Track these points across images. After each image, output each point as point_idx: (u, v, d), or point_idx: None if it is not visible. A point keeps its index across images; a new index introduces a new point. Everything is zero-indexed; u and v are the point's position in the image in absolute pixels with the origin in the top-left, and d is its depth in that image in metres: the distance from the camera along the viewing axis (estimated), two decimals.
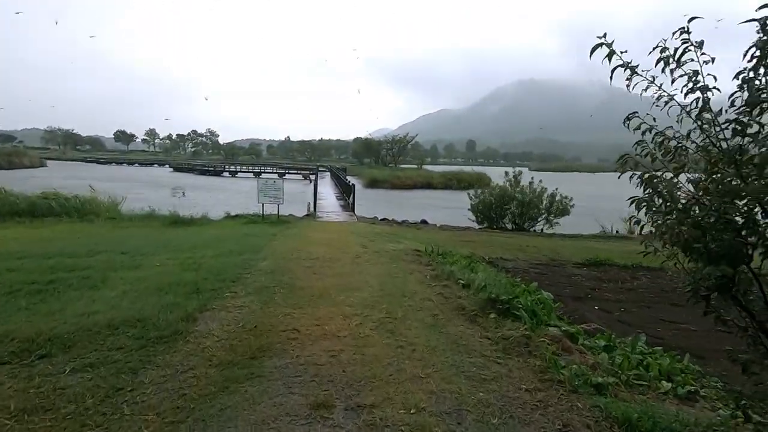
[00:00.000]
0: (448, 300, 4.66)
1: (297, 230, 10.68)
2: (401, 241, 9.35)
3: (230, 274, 5.65)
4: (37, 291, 4.85)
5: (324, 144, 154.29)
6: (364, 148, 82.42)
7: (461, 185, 45.17)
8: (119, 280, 5.40)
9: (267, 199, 12.75)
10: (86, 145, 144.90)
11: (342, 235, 9.86)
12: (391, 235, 10.42)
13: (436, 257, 7.00)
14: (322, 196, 21.13)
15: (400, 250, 7.95)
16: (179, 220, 12.58)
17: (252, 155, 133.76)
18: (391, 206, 26.43)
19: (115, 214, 13.86)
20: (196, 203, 21.44)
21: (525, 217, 15.03)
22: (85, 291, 4.88)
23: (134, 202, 16.62)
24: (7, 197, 13.06)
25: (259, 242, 8.53)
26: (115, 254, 7.13)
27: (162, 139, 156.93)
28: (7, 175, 45.12)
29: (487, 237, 12.05)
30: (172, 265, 6.25)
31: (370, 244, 8.63)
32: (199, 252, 7.45)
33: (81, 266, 6.15)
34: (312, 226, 11.95)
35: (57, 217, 13.09)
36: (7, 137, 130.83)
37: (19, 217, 12.89)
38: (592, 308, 5.46)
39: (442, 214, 22.41)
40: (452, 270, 5.71)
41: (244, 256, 6.98)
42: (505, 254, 9.01)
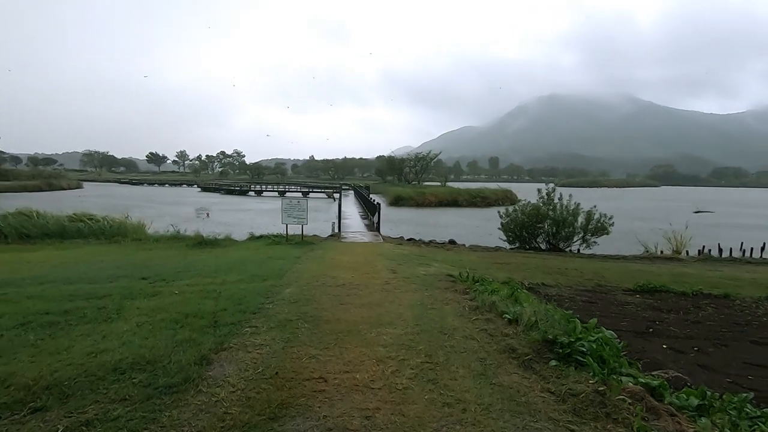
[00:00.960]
0: (494, 339, 4.07)
1: (322, 252, 10.27)
2: (431, 264, 8.79)
3: (251, 304, 5.24)
4: (49, 323, 4.55)
5: (347, 163, 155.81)
6: (387, 166, 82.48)
7: (486, 202, 44.29)
8: (135, 310, 5.06)
9: (291, 220, 12.46)
10: (121, 167, 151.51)
11: (369, 258, 9.38)
12: (420, 258, 9.87)
13: (472, 284, 6.41)
14: (346, 215, 20.80)
15: (432, 275, 7.39)
16: (204, 241, 12.42)
17: (277, 174, 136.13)
18: (417, 225, 25.88)
19: (142, 236, 13.87)
20: (224, 223, 21.55)
21: (560, 236, 14.19)
22: (98, 324, 4.54)
23: (161, 222, 16.70)
24: (39, 219, 13.24)
25: (282, 266, 8.15)
26: (134, 280, 6.87)
27: (191, 160, 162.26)
28: (45, 196, 47.15)
29: (522, 259, 11.32)
30: (191, 293, 5.90)
31: (399, 267, 8.11)
32: (221, 277, 7.12)
33: (99, 294, 5.88)
34: (337, 247, 11.54)
35: (85, 238, 13.20)
36: (49, 160, 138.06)
37: (50, 238, 13.06)
38: (659, 347, 4.74)
39: (469, 232, 21.71)
40: (494, 301, 5.12)
41: (267, 282, 6.58)
42: (545, 279, 8.30)
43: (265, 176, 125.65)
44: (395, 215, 30.47)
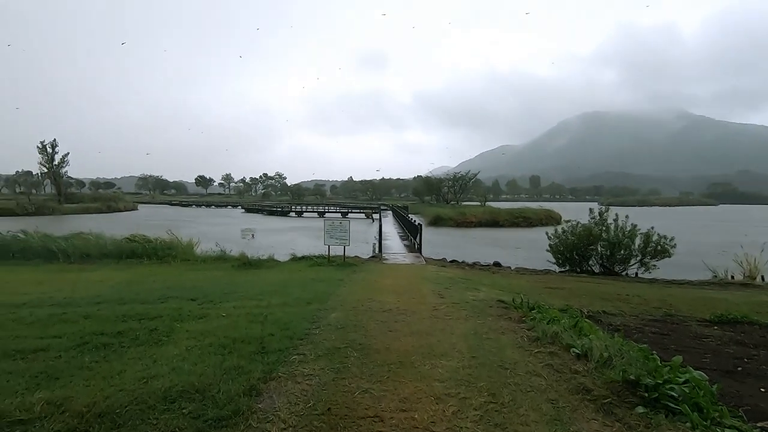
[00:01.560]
0: (563, 376, 3.67)
1: (364, 275, 10.11)
2: (480, 289, 8.38)
3: (298, 329, 5.10)
4: (104, 345, 4.61)
5: (385, 183, 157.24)
6: (424, 186, 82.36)
7: (529, 223, 42.87)
8: (184, 333, 5.06)
9: (333, 241, 12.45)
10: (172, 189, 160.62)
11: (413, 281, 9.11)
12: (466, 281, 9.47)
13: (528, 311, 5.98)
14: (386, 236, 20.67)
15: (482, 301, 7.00)
16: (248, 262, 12.63)
17: (317, 195, 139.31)
18: (457, 246, 25.31)
19: (190, 256, 14.32)
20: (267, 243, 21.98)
21: (614, 259, 13.28)
22: (149, 347, 4.54)
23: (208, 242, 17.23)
24: (98, 241, 14.00)
25: (326, 289, 8.04)
26: (184, 301, 6.96)
27: (236, 183, 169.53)
28: (104, 218, 50.42)
29: (575, 283, 10.62)
30: (238, 316, 5.87)
31: (446, 292, 7.77)
32: (266, 300, 7.08)
33: (151, 314, 5.97)
34: (379, 269, 11.34)
35: (139, 258, 13.78)
36: (109, 184, 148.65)
37: (108, 258, 13.75)
38: (755, 390, 4.12)
39: (513, 254, 20.92)
40: (556, 331, 4.70)
41: (312, 306, 6.46)
42: (606, 306, 7.66)
43: (305, 197, 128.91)
44: (435, 236, 30.00)
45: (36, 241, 14.12)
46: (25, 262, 13.42)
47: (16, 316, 6.08)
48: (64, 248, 13.62)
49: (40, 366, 4.00)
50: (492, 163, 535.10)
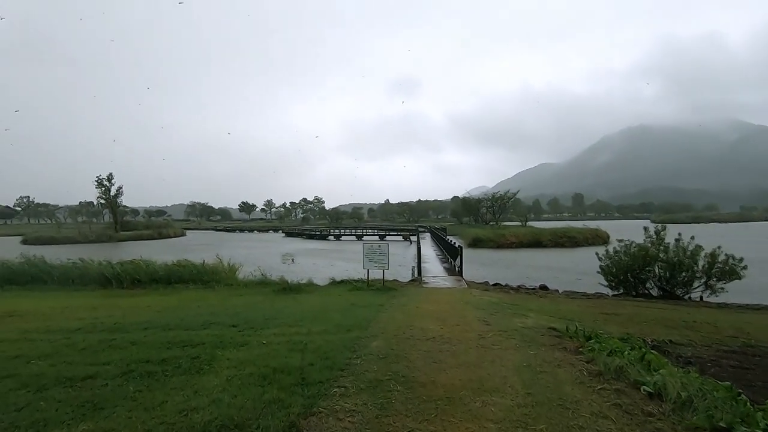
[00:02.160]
0: (635, 419, 3.25)
1: (405, 299, 9.83)
2: (527, 315, 7.89)
3: (338, 359, 4.92)
4: (148, 373, 4.62)
5: (422, 205, 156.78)
6: (462, 207, 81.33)
7: (574, 242, 40.97)
8: (225, 361, 5.00)
9: (372, 265, 12.30)
10: (217, 216, 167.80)
11: (455, 306, 8.74)
12: (512, 306, 8.98)
13: (584, 341, 5.49)
14: (425, 258, 20.30)
15: (532, 328, 6.55)
16: (288, 286, 12.68)
17: (354, 218, 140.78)
18: (499, 268, 24.47)
19: (233, 281, 14.61)
20: (306, 267, 22.21)
21: (675, 281, 12.25)
22: (191, 376, 4.51)
23: (250, 266, 17.59)
24: (147, 267, 14.60)
25: (366, 315, 7.84)
26: (225, 327, 6.98)
27: (277, 208, 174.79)
28: (156, 244, 53.09)
29: (633, 308, 9.81)
30: (278, 344, 5.77)
31: (492, 318, 7.36)
32: (306, 326, 6.97)
33: (194, 341, 6.00)
34: (420, 294, 11.03)
35: (185, 283, 14.22)
36: (160, 212, 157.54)
37: (157, 284, 14.29)
38: None
39: (559, 276, 19.90)
40: (620, 365, 4.24)
41: (352, 334, 6.27)
42: (672, 335, 6.95)
43: (343, 220, 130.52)
44: (475, 258, 29.21)
45: (93, 267, 14.94)
46: (82, 287, 14.19)
47: (70, 341, 6.29)
48: (117, 274, 14.31)
49: (87, 395, 4.04)
50: (531, 182, 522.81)
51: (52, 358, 5.35)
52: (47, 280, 14.53)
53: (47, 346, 6.04)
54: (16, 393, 4.12)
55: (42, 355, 5.53)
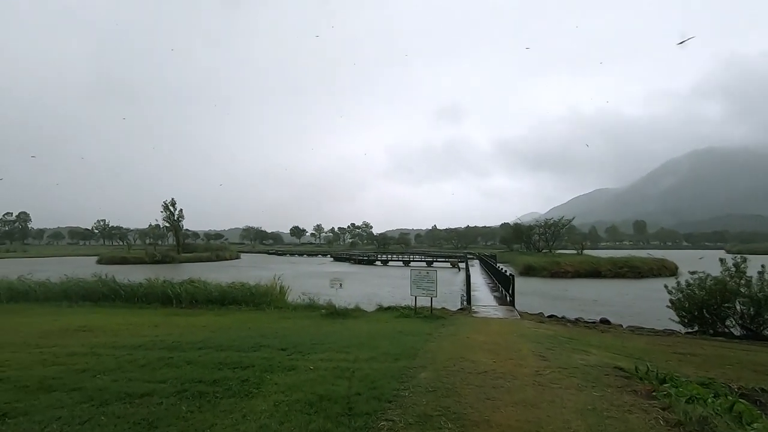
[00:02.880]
0: None
1: (454, 329, 9.49)
2: (589, 351, 7.30)
3: (386, 389, 4.76)
4: (200, 394, 4.71)
5: (470, 231, 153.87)
6: (513, 234, 78.72)
7: (637, 273, 38.03)
8: (273, 386, 5.00)
9: (420, 292, 12.07)
10: (270, 240, 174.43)
11: (508, 338, 8.28)
12: (571, 341, 8.37)
13: (657, 384, 4.94)
14: (474, 286, 19.66)
15: (595, 367, 6.02)
16: (335, 311, 12.71)
17: (401, 244, 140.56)
18: (553, 299, 23.15)
19: (282, 304, 14.90)
20: (353, 292, 22.28)
21: (762, 319, 10.89)
22: (240, 399, 4.53)
23: (299, 289, 17.91)
24: (204, 287, 15.30)
25: (414, 343, 7.62)
26: (275, 350, 7.04)
27: (326, 233, 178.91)
28: (213, 266, 55.76)
29: (712, 348, 8.79)
30: (325, 370, 5.71)
31: (549, 353, 6.87)
32: (353, 353, 6.87)
33: (244, 363, 6.09)
34: (469, 323, 10.61)
35: (238, 305, 14.69)
36: (218, 235, 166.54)
37: (212, 304, 14.89)
38: None
39: (622, 310, 18.44)
40: (704, 415, 3.74)
41: (400, 363, 6.09)
42: (763, 382, 6.07)
43: (390, 246, 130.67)
44: (527, 287, 27.91)
45: (157, 287, 15.88)
46: (146, 305, 15.09)
47: (132, 357, 6.62)
48: (177, 294, 15.11)
49: (143, 412, 4.17)
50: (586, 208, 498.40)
51: (115, 374, 5.63)
52: (116, 298, 15.60)
53: (112, 361, 6.39)
54: (81, 406, 4.33)
55: (106, 369, 5.85)
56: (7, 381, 5.32)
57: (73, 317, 11.78)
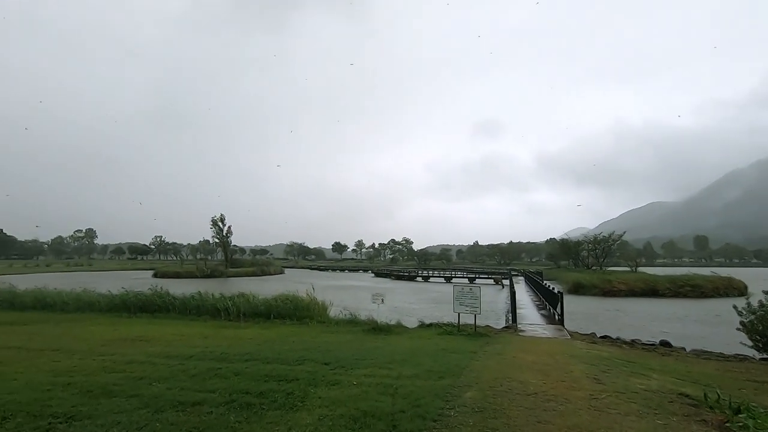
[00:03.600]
0: None
1: (500, 347, 9.16)
2: (649, 375, 6.78)
3: (430, 408, 4.65)
4: (247, 405, 4.81)
5: (514, 247, 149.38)
6: (559, 250, 75.49)
7: (700, 293, 35.13)
8: (317, 399, 5.03)
9: (463, 309, 11.78)
10: (312, 255, 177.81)
11: (558, 359, 7.87)
12: (628, 363, 7.82)
13: (731, 414, 4.49)
14: (520, 304, 18.95)
15: (657, 392, 5.57)
16: (377, 327, 12.66)
17: (442, 260, 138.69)
18: (605, 318, 21.82)
19: (325, 318, 15.05)
20: (394, 308, 22.13)
21: None
22: (285, 412, 4.59)
23: (341, 304, 18.05)
24: (251, 300, 15.78)
25: (458, 361, 7.42)
26: (318, 365, 7.09)
27: (367, 248, 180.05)
28: (258, 280, 57.46)
29: None
30: (368, 385, 5.67)
31: (604, 376, 6.45)
32: (396, 369, 6.78)
33: (289, 376, 6.18)
34: (516, 342, 10.21)
35: (282, 318, 15.00)
36: (263, 250, 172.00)
37: (258, 317, 15.30)
38: None
39: (684, 332, 17.05)
40: None
41: (444, 381, 5.94)
42: None
43: (431, 262, 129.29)
44: (576, 305, 26.54)
45: (208, 300, 16.58)
46: (197, 317, 15.75)
47: (184, 367, 6.90)
48: (226, 307, 15.68)
49: (195, 420, 4.31)
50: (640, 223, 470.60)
51: (169, 382, 5.89)
52: (170, 309, 16.43)
53: (166, 370, 6.70)
54: (138, 412, 4.55)
55: (161, 378, 6.13)
56: (75, 386, 5.70)
57: (131, 327, 12.51)
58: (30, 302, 17.53)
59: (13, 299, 18.01)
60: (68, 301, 17.13)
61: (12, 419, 4.38)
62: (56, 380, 6.00)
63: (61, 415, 4.49)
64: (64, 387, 5.63)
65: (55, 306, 16.97)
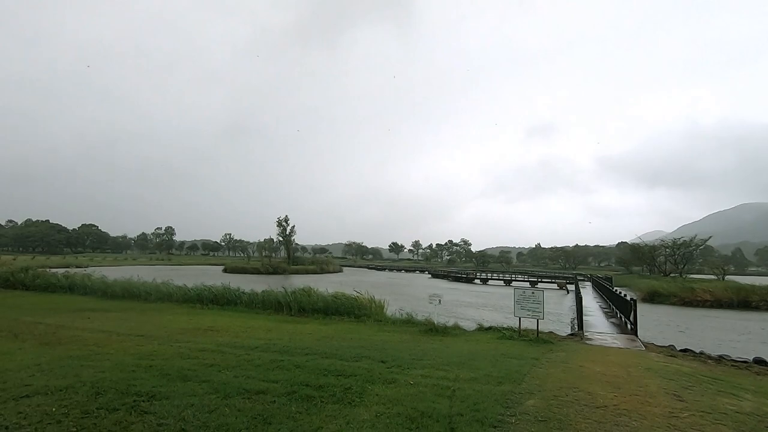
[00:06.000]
0: None
1: (564, 355, 8.66)
2: (740, 396, 6.05)
3: (490, 413, 4.50)
4: (308, 397, 4.96)
5: (579, 250, 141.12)
6: (632, 254, 70.04)
7: None
8: (374, 397, 5.07)
9: (524, 313, 11.30)
10: (369, 255, 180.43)
11: (631, 372, 7.27)
12: (714, 381, 7.04)
13: None
14: (587, 310, 17.83)
15: (751, 415, 4.95)
16: (434, 327, 12.53)
17: (502, 263, 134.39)
18: (686, 330, 19.85)
19: (381, 317, 15.17)
20: (451, 310, 21.82)
21: None
22: (343, 407, 4.67)
23: (397, 303, 18.10)
24: (312, 297, 16.32)
25: (519, 367, 7.12)
26: (375, 362, 7.15)
27: (424, 249, 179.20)
28: (318, 278, 59.30)
29: None
30: (425, 386, 5.62)
31: (686, 393, 5.85)
32: (453, 372, 6.66)
33: (347, 372, 6.30)
34: (582, 351, 9.60)
35: (340, 315, 15.35)
36: (323, 250, 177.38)
37: (317, 313, 15.79)
38: None
39: None
40: None
41: (504, 387, 5.72)
42: None
43: (490, 264, 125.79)
44: (652, 315, 24.45)
45: (272, 295, 17.41)
46: (262, 311, 16.59)
47: (250, 357, 7.28)
48: (288, 302, 16.36)
49: (259, 408, 4.52)
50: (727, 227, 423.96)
51: (236, 370, 6.24)
52: (237, 303, 17.46)
53: (233, 359, 7.11)
54: (209, 396, 4.87)
55: (229, 366, 6.51)
56: (155, 368, 6.23)
57: (203, 318, 13.45)
58: (119, 291, 19.50)
59: (106, 288, 20.16)
60: (150, 292, 18.82)
61: (104, 395, 4.87)
62: (140, 363, 6.59)
63: (144, 394, 4.91)
64: (146, 369, 6.17)
65: (139, 296, 18.72)
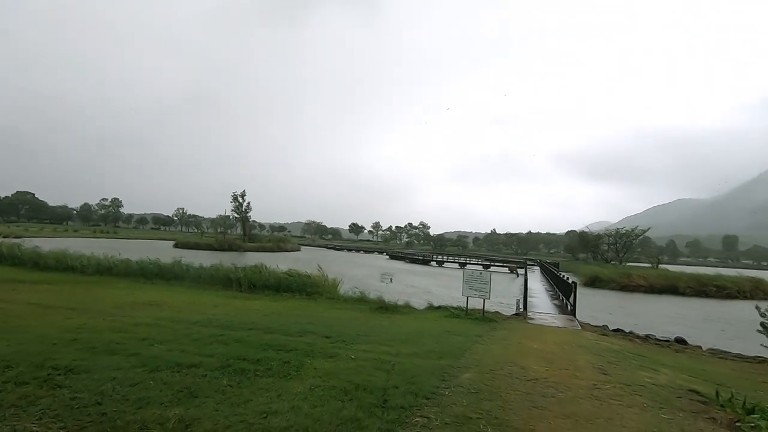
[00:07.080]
0: None
1: (506, 333, 9.00)
2: (659, 370, 6.53)
3: (425, 386, 4.56)
4: (242, 371, 4.81)
5: (532, 237, 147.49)
6: (579, 242, 73.94)
7: (725, 294, 33.90)
8: (312, 370, 5.00)
9: (472, 292, 11.62)
10: (329, 234, 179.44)
11: (565, 348, 7.66)
12: (638, 357, 7.56)
13: (743, 413, 4.26)
14: (532, 292, 18.66)
15: (665, 387, 5.34)
16: (384, 305, 12.64)
17: (458, 246, 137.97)
18: (621, 313, 21.31)
19: (334, 295, 15.12)
20: (403, 290, 22.13)
21: None
22: (278, 380, 4.57)
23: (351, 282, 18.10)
24: (264, 274, 15.96)
25: (461, 344, 7.31)
26: (319, 337, 7.08)
27: (383, 231, 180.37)
28: (274, 256, 58.28)
29: None
30: (365, 360, 5.62)
31: (611, 368, 6.24)
32: (396, 347, 6.72)
33: (288, 346, 6.18)
34: (523, 329, 10.02)
35: (292, 293, 15.14)
36: (281, 228, 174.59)
37: (268, 290, 15.48)
38: None
39: (702, 331, 16.50)
40: None
41: (443, 361, 5.84)
42: None
43: (447, 247, 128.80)
44: (591, 298, 26.02)
45: (221, 270, 16.86)
46: (210, 287, 16.04)
47: (189, 331, 6.99)
48: (238, 278, 15.90)
49: (188, 381, 4.33)
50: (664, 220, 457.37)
51: (170, 344, 5.96)
52: (185, 278, 16.78)
53: (170, 333, 6.79)
54: (134, 370, 4.60)
55: (164, 340, 6.21)
56: (80, 342, 5.82)
57: (146, 293, 12.81)
58: (53, 263, 18.14)
59: (38, 259, 18.68)
60: (88, 265, 17.65)
61: (15, 368, 4.48)
62: (63, 336, 6.15)
63: (62, 367, 4.57)
64: (69, 342, 5.76)
65: (75, 268, 17.51)
